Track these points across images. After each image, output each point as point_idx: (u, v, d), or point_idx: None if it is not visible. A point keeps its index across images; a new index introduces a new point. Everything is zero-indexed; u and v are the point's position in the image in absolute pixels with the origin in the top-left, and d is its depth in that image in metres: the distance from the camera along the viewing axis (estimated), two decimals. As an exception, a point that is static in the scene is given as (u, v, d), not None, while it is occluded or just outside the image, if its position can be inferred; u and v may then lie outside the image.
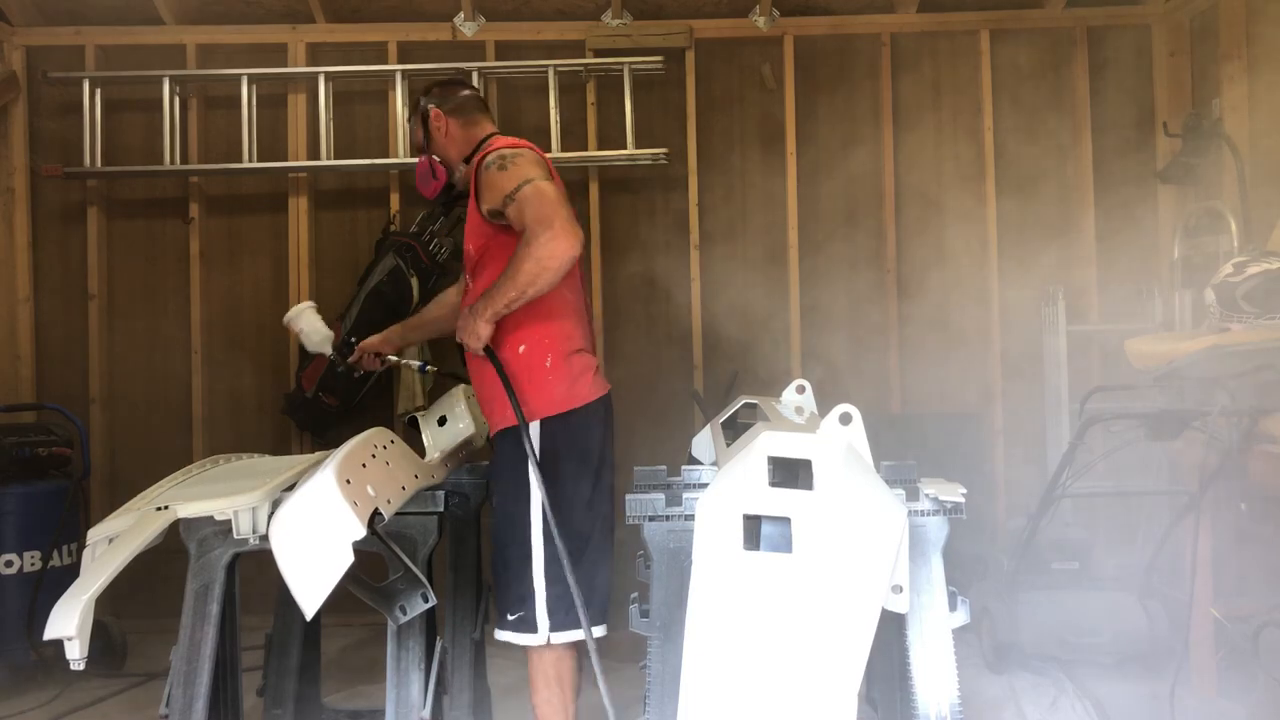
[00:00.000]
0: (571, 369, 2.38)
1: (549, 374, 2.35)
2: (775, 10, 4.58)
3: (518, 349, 2.35)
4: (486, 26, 4.58)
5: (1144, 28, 4.62)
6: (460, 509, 2.55)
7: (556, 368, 2.36)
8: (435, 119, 2.56)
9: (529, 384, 2.34)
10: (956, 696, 1.69)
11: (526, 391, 2.33)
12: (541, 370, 2.35)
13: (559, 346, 2.37)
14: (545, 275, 2.19)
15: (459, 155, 2.56)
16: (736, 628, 1.39)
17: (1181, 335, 3.73)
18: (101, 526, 1.96)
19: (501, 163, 2.30)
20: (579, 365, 2.40)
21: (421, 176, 2.60)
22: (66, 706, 3.42)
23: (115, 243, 4.56)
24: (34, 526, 3.65)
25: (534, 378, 2.35)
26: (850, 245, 4.64)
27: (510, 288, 2.22)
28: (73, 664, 1.69)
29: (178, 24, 4.51)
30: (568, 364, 2.38)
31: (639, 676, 1.81)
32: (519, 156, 2.32)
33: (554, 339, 2.37)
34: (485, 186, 2.33)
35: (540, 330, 2.37)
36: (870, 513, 1.49)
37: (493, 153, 2.35)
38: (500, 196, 2.27)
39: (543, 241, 2.15)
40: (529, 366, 2.35)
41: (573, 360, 2.39)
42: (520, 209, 2.22)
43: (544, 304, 2.32)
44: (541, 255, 2.16)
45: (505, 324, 2.33)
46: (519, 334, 2.36)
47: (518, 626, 2.31)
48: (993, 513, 4.42)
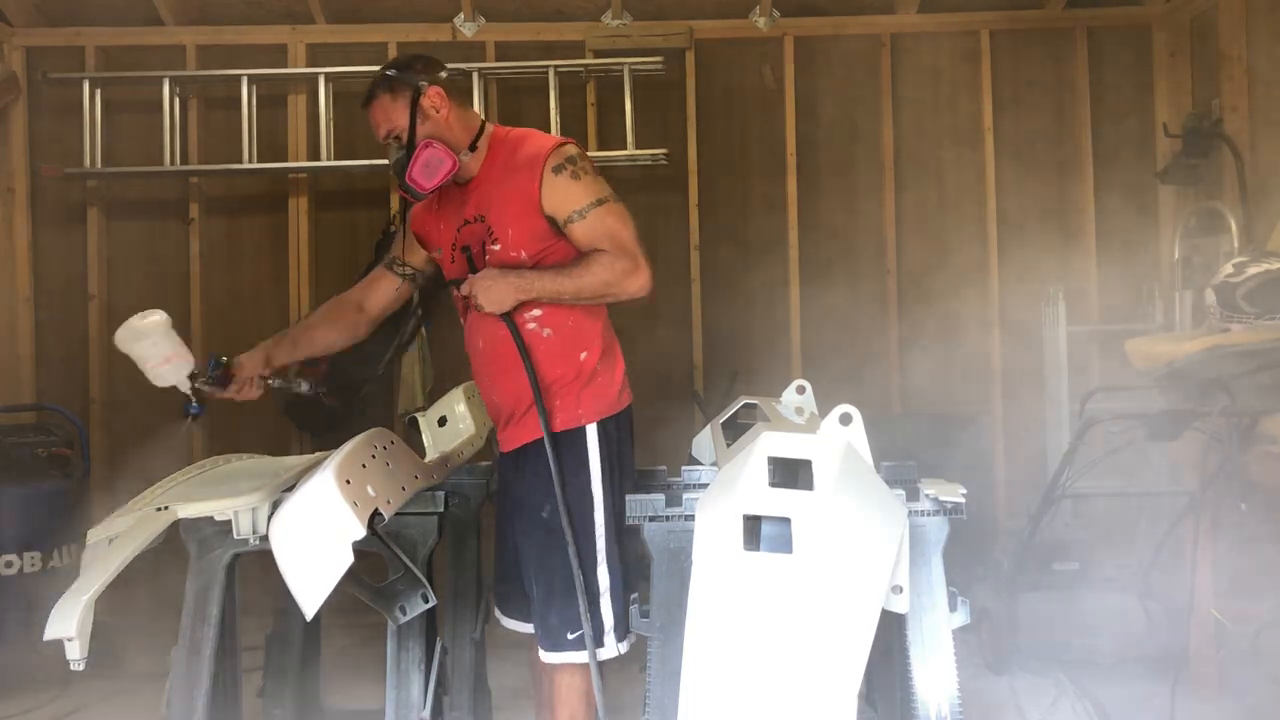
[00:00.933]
0: (619, 371, 2.36)
1: (600, 375, 2.29)
2: (775, 11, 4.58)
3: (579, 355, 2.27)
4: (486, 27, 4.59)
5: (1144, 28, 4.62)
6: (460, 509, 2.55)
7: (607, 369, 2.32)
8: (436, 98, 2.22)
9: (587, 387, 2.26)
10: (956, 697, 1.69)
11: (585, 394, 2.26)
12: (600, 371, 2.30)
13: (609, 350, 2.34)
14: (606, 300, 2.22)
15: (464, 143, 2.26)
16: (736, 628, 1.39)
17: (1182, 336, 3.73)
18: (101, 527, 1.95)
19: (575, 169, 2.18)
20: (621, 368, 2.38)
21: (429, 165, 2.20)
22: (66, 707, 3.42)
23: (115, 243, 4.56)
24: (34, 527, 3.65)
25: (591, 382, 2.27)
26: (850, 245, 4.64)
27: (568, 287, 2.17)
28: (73, 664, 1.69)
29: (178, 25, 4.52)
30: (616, 367, 2.35)
31: (639, 677, 1.81)
32: (586, 163, 2.23)
33: (605, 342, 2.33)
34: (555, 192, 2.16)
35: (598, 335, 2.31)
36: (870, 513, 1.48)
37: (560, 152, 2.19)
38: (570, 209, 2.16)
39: (628, 271, 2.17)
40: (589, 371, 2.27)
41: (620, 363, 2.37)
42: (601, 227, 2.17)
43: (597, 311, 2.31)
44: (617, 284, 2.17)
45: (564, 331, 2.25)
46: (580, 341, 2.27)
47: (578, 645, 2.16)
48: (993, 513, 4.42)
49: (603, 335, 2.32)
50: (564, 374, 2.25)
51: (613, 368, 2.33)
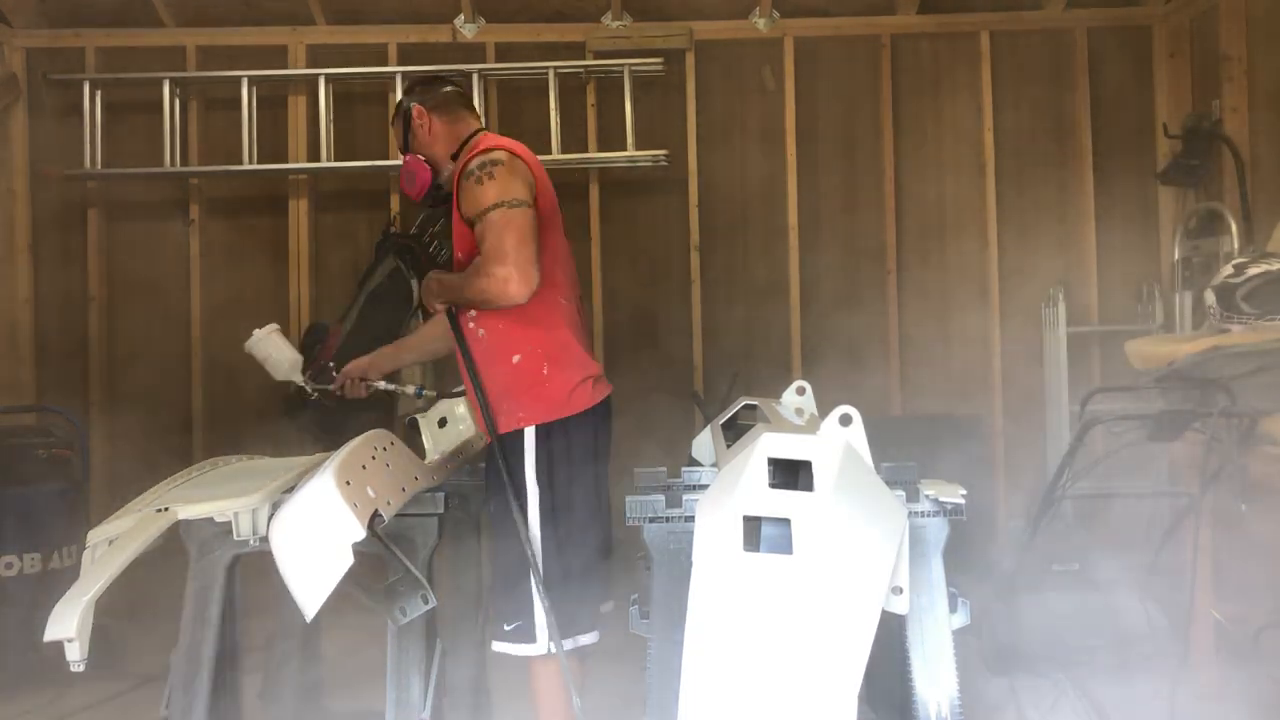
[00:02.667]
0: (569, 376, 2.35)
1: (546, 381, 2.33)
2: (775, 11, 4.58)
3: (512, 359, 2.33)
4: (487, 28, 4.59)
5: (1144, 29, 4.63)
6: (460, 511, 2.55)
7: (553, 376, 2.34)
8: (418, 116, 2.48)
9: (526, 391, 2.32)
10: (956, 697, 1.69)
11: (524, 398, 2.32)
12: (538, 377, 2.33)
13: (555, 354, 2.35)
14: (489, 305, 2.25)
15: (445, 153, 2.49)
16: (736, 629, 1.39)
17: (1182, 336, 3.73)
18: (102, 528, 1.96)
19: (480, 174, 2.25)
20: (576, 372, 2.37)
21: (406, 176, 2.52)
22: (66, 708, 3.42)
23: (115, 244, 4.56)
24: (34, 528, 3.65)
25: (531, 385, 2.33)
26: (850, 246, 4.64)
27: (456, 294, 2.30)
28: (73, 666, 1.69)
29: (178, 26, 4.52)
30: (564, 371, 2.35)
31: (640, 678, 1.81)
32: (498, 167, 2.25)
33: (548, 347, 2.35)
34: (463, 196, 2.28)
35: (533, 339, 2.34)
36: (870, 514, 1.48)
37: (475, 159, 2.28)
38: (471, 214, 2.25)
39: (495, 277, 2.16)
40: (525, 374, 2.33)
41: (569, 367, 2.36)
42: (484, 233, 2.20)
43: (535, 313, 2.30)
44: (488, 290, 2.18)
45: (497, 334, 2.33)
46: (512, 344, 2.33)
47: (515, 637, 2.29)
48: (993, 514, 4.42)
49: (545, 339, 2.34)
50: (501, 376, 2.34)
51: (565, 371, 2.35)
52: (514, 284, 2.15)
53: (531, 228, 2.20)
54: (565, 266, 2.43)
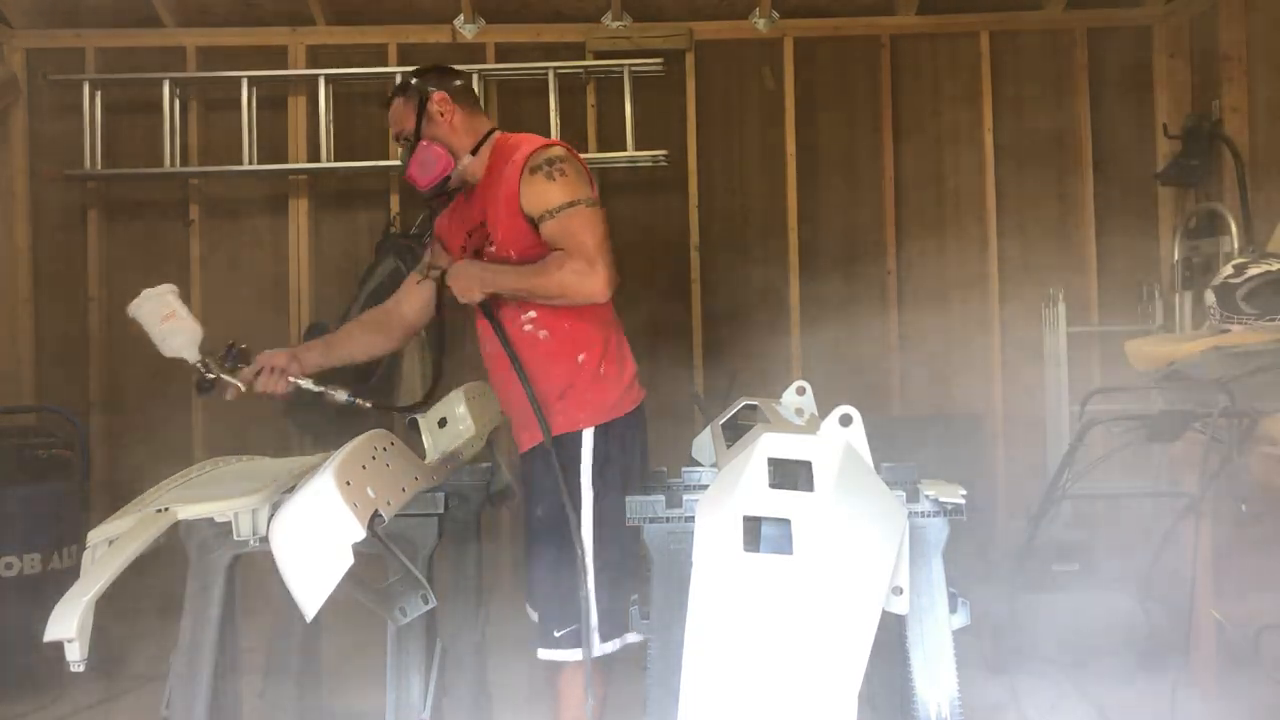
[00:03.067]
0: (623, 374, 2.39)
1: (604, 380, 2.35)
2: (775, 12, 4.58)
3: (577, 358, 2.33)
4: (486, 28, 4.59)
5: (1144, 29, 4.62)
6: (460, 511, 2.55)
7: (609, 374, 2.35)
8: (442, 103, 2.38)
9: (585, 391, 2.32)
10: (956, 698, 1.69)
11: (583, 398, 2.32)
12: (597, 376, 2.34)
13: (612, 353, 2.38)
14: (560, 302, 2.23)
15: (465, 146, 2.39)
16: (736, 630, 1.39)
17: (1182, 337, 3.73)
18: (101, 528, 1.96)
19: (551, 170, 2.22)
20: (628, 371, 2.42)
21: (422, 163, 2.36)
22: (66, 709, 3.42)
23: (115, 245, 4.56)
24: (34, 529, 3.65)
25: (591, 385, 2.33)
26: (850, 246, 4.64)
27: (526, 286, 2.23)
28: (72, 666, 1.69)
29: (177, 26, 4.52)
30: (619, 370, 2.38)
31: (640, 678, 1.81)
32: (568, 164, 2.24)
33: (606, 346, 2.37)
34: (530, 191, 2.22)
35: (595, 338, 2.35)
36: (870, 514, 1.48)
37: (540, 153, 2.24)
38: (542, 208, 2.21)
39: (582, 273, 2.16)
40: (587, 374, 2.33)
41: (625, 366, 2.41)
42: (564, 229, 2.18)
43: (600, 311, 2.33)
44: (570, 285, 2.17)
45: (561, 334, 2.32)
46: (578, 344, 2.34)
47: (567, 643, 2.26)
48: (993, 514, 4.42)
49: (605, 338, 2.36)
50: (563, 376, 2.30)
51: (620, 371, 2.38)
52: (599, 280, 2.16)
53: (605, 226, 2.23)
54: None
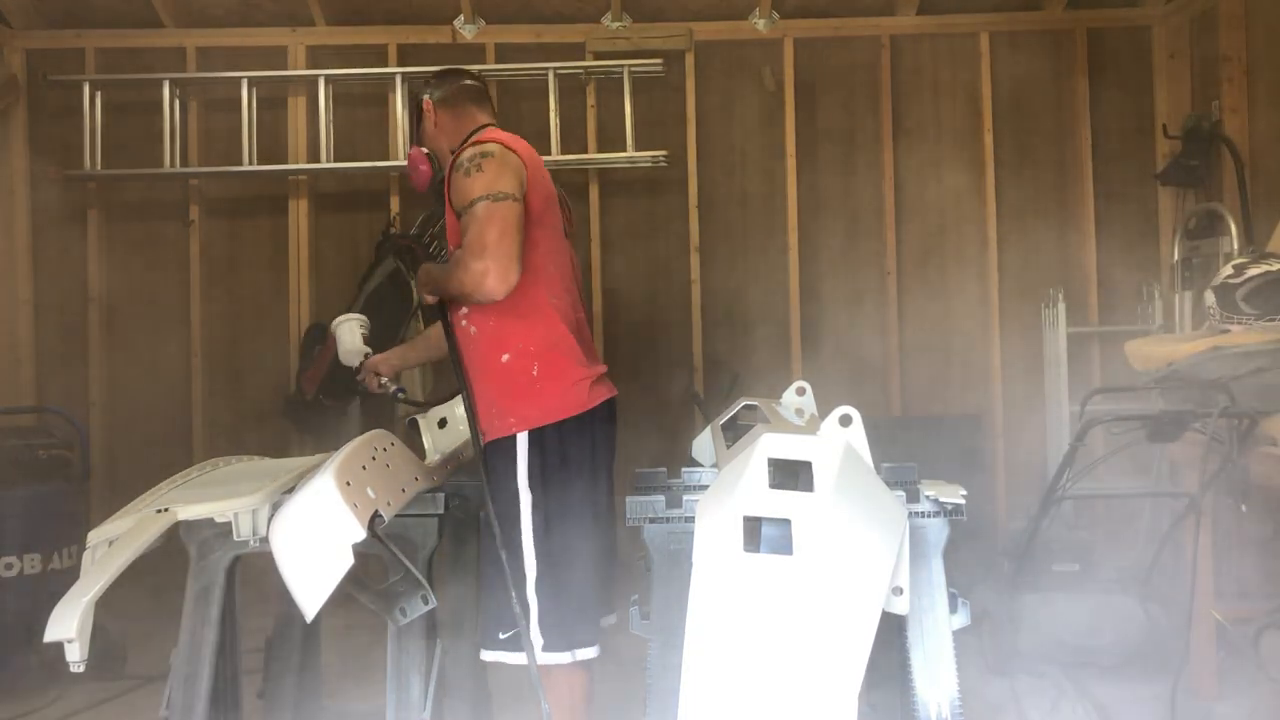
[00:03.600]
0: (563, 376, 2.27)
1: (536, 382, 2.25)
2: (775, 12, 4.58)
3: (500, 358, 2.25)
4: (486, 29, 4.59)
5: (1144, 29, 4.63)
6: (460, 511, 2.55)
7: (544, 375, 2.25)
8: (426, 109, 2.46)
9: (515, 393, 2.24)
10: (957, 698, 1.69)
11: (514, 401, 2.24)
12: (527, 378, 2.25)
13: (545, 354, 2.26)
14: (469, 299, 2.18)
15: (447, 146, 2.44)
16: (736, 630, 1.39)
17: (1181, 337, 3.73)
18: (102, 529, 1.96)
19: (469, 166, 2.19)
20: (571, 373, 2.28)
21: (410, 166, 2.50)
22: (66, 709, 3.42)
23: (115, 245, 4.57)
24: (34, 529, 3.65)
25: (520, 387, 2.25)
26: (850, 247, 4.64)
27: (442, 286, 2.24)
28: (73, 666, 1.69)
29: (178, 27, 4.52)
30: (558, 371, 2.26)
31: (640, 679, 1.81)
32: (489, 160, 2.18)
33: (537, 346, 2.26)
34: (452, 188, 2.23)
35: (521, 337, 2.26)
36: (871, 515, 1.48)
37: (467, 151, 2.23)
38: (460, 205, 2.20)
39: (471, 271, 2.09)
40: (514, 375, 2.25)
41: (562, 368, 2.27)
42: (467, 225, 2.14)
43: (523, 309, 2.23)
44: (466, 283, 2.11)
45: (487, 332, 2.26)
46: (501, 342, 2.26)
47: (509, 645, 2.23)
48: (993, 514, 4.42)
49: (538, 338, 2.26)
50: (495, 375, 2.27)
51: (559, 372, 2.26)
52: (491, 278, 2.08)
53: (516, 222, 2.12)
54: (559, 263, 2.34)
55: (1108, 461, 3.54)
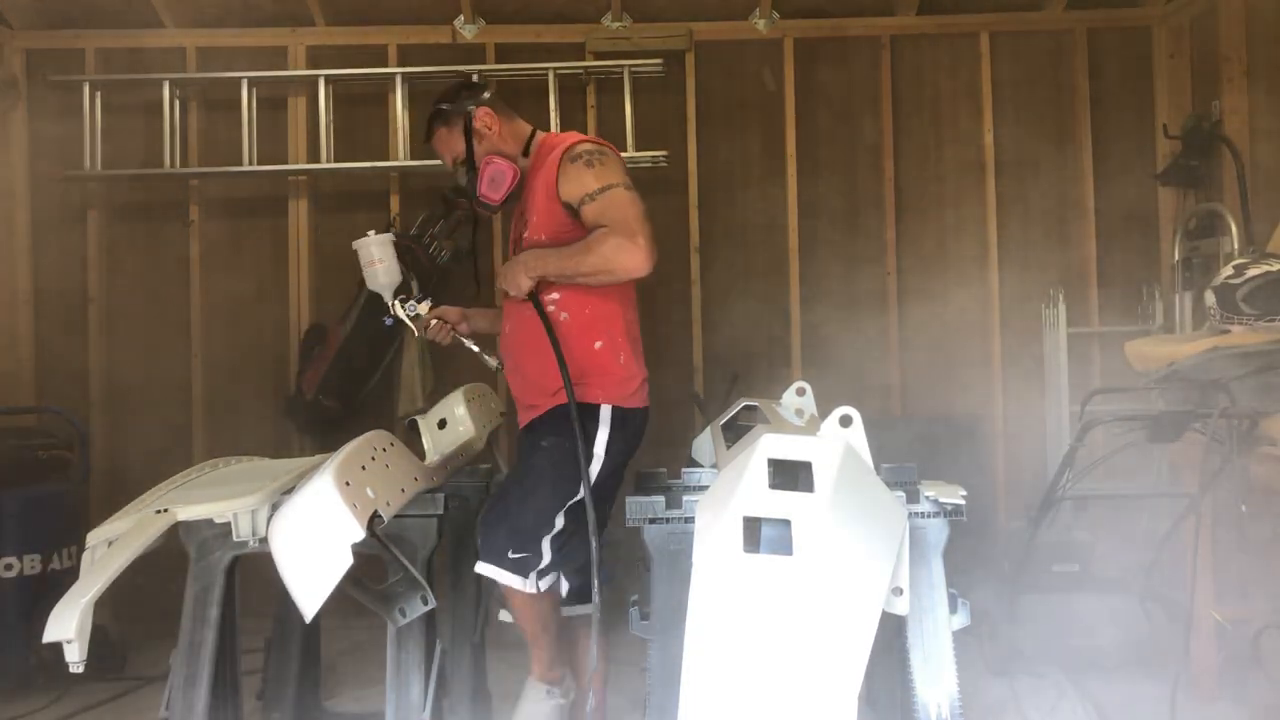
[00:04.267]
0: (637, 372, 2.46)
1: (622, 369, 2.41)
2: (775, 12, 4.58)
3: (594, 344, 2.38)
4: (486, 29, 4.59)
5: (1144, 29, 4.62)
6: (460, 512, 2.55)
7: (628, 366, 2.42)
8: (486, 118, 2.50)
9: (604, 375, 2.38)
10: (957, 698, 1.69)
11: (603, 380, 2.37)
12: (615, 364, 2.40)
13: (629, 347, 2.44)
14: (605, 277, 2.27)
15: (516, 151, 2.53)
16: (736, 631, 1.39)
17: (1182, 337, 3.73)
18: (101, 529, 1.96)
19: (590, 159, 2.32)
20: (640, 370, 2.47)
21: (494, 180, 2.47)
22: (66, 710, 3.42)
23: (115, 245, 4.56)
24: (34, 529, 3.65)
25: (609, 371, 2.39)
26: (851, 247, 4.64)
27: (569, 264, 2.28)
28: (72, 667, 1.69)
29: (177, 27, 4.52)
30: (635, 366, 2.45)
31: (640, 679, 1.81)
32: (607, 157, 2.36)
33: (627, 337, 2.44)
34: (569, 179, 2.32)
35: (615, 327, 2.43)
36: (871, 515, 1.48)
37: (582, 145, 2.36)
38: (581, 193, 2.30)
39: (623, 247, 2.21)
40: (604, 360, 2.39)
41: (638, 364, 2.47)
42: (604, 208, 2.27)
43: (622, 299, 2.43)
44: (613, 258, 2.22)
45: (582, 319, 2.37)
46: (595, 329, 2.39)
47: (515, 567, 2.29)
48: (993, 515, 4.41)
49: (621, 330, 2.43)
50: (582, 358, 2.34)
51: (632, 368, 2.43)
52: (644, 254, 2.21)
53: (645, 210, 2.30)
54: None
55: (1108, 462, 3.54)
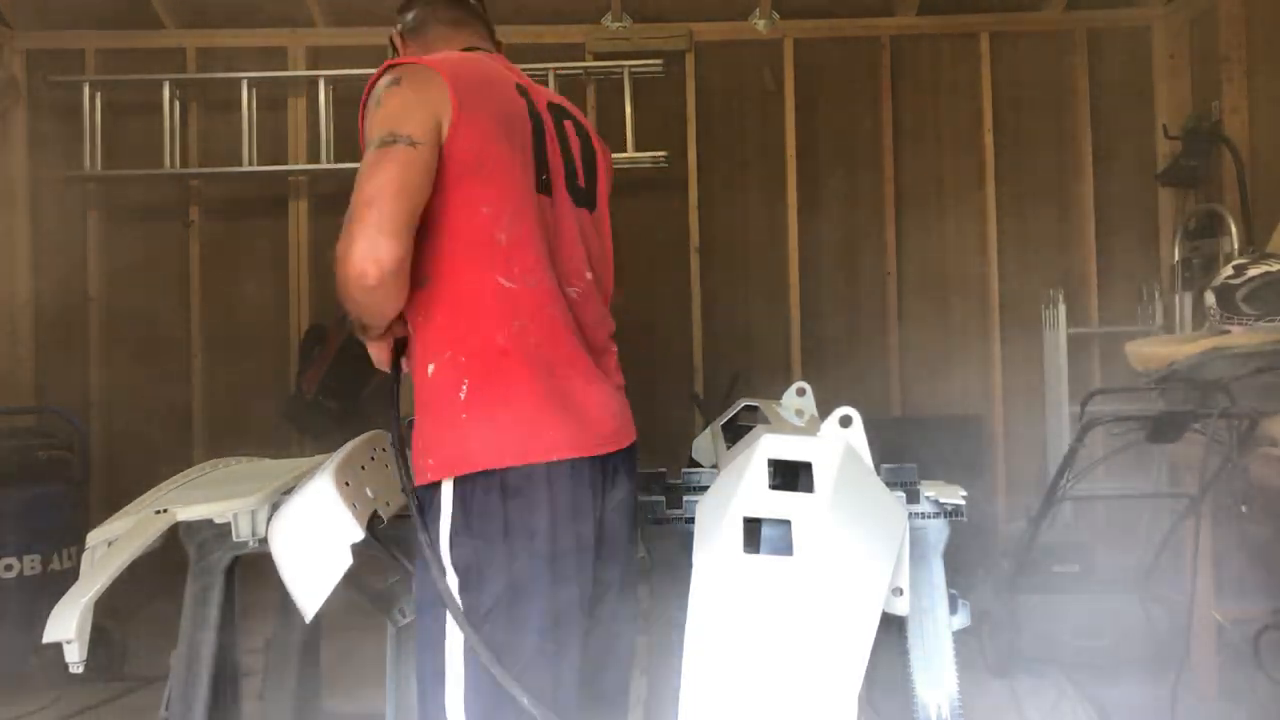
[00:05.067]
0: (509, 403, 1.51)
1: (464, 408, 1.50)
2: (775, 13, 4.58)
3: (427, 369, 1.54)
4: (486, 29, 4.58)
5: (1144, 29, 4.63)
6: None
7: (476, 400, 1.50)
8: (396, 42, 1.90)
9: (437, 423, 1.52)
10: (957, 699, 1.69)
11: (436, 432, 1.52)
12: (452, 400, 1.51)
13: (484, 368, 1.51)
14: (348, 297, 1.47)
15: None
16: (736, 631, 1.38)
17: (1182, 337, 3.73)
18: (101, 530, 1.95)
19: (375, 98, 1.54)
20: (529, 399, 1.52)
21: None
22: (65, 710, 3.41)
23: (115, 246, 4.56)
24: (34, 530, 3.64)
25: (444, 413, 1.52)
26: (850, 248, 4.64)
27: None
28: (71, 667, 1.69)
29: (177, 28, 4.52)
30: (499, 395, 1.51)
31: (638, 682, 1.81)
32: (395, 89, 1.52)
33: (471, 354, 1.52)
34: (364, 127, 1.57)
35: (451, 340, 1.53)
36: (871, 516, 1.48)
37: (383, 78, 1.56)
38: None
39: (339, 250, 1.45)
40: (439, 394, 1.52)
41: (513, 390, 1.51)
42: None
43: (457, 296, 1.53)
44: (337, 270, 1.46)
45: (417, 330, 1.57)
46: (429, 346, 1.55)
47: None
48: (993, 515, 4.41)
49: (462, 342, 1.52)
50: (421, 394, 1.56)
51: (494, 396, 1.51)
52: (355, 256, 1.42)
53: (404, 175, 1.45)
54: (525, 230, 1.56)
55: (1108, 462, 3.54)
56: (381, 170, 1.45)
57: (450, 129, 1.51)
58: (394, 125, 1.48)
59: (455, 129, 1.51)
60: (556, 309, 1.59)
